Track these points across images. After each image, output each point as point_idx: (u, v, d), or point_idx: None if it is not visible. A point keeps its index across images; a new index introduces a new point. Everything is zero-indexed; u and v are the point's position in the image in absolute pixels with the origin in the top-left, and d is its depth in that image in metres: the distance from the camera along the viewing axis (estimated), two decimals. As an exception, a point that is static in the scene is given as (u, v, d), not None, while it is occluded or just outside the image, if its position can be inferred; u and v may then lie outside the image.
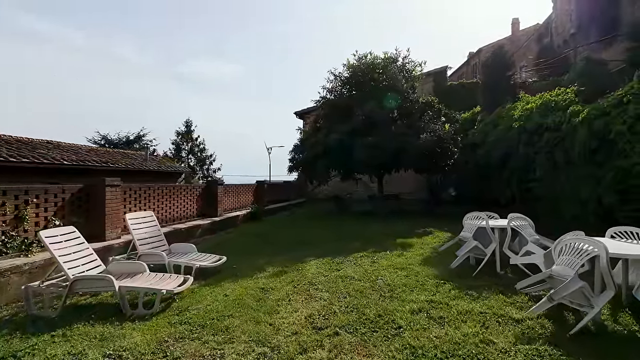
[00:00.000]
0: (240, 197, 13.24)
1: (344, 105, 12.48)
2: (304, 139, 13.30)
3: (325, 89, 13.33)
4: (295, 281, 5.15)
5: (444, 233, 9.12)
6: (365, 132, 11.65)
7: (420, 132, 11.09)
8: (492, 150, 10.74)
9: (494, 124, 11.06)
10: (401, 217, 12.47)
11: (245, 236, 9.39)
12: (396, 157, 11.14)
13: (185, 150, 37.91)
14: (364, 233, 9.27)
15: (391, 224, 10.77)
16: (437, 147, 11.08)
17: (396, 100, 12.09)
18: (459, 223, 11.58)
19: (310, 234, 9.34)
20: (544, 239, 5.38)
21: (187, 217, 9.80)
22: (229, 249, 7.79)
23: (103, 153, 17.66)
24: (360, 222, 11.42)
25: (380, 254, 6.69)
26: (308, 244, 8.04)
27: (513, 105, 10.79)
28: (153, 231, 6.24)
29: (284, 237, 9.02)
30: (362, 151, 11.22)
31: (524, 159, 9.13)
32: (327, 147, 11.92)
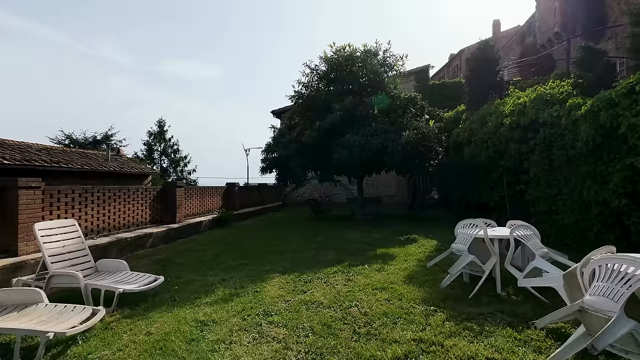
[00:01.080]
0: (207, 201, 11.97)
1: (321, 100, 11.44)
2: (277, 137, 12.17)
3: (301, 83, 12.25)
4: (247, 309, 4.01)
5: (429, 241, 8.16)
6: (344, 130, 10.63)
7: (402, 129, 10.15)
8: (480, 149, 9.89)
9: (481, 122, 10.22)
10: (382, 222, 11.49)
11: (206, 245, 8.17)
12: (377, 157, 10.16)
13: (157, 152, 36.16)
14: (341, 241, 8.21)
15: (371, 231, 9.76)
16: (420, 146, 10.16)
17: (381, 101, 11.13)
18: (444, 229, 10.77)
19: (280, 243, 8.20)
20: (554, 252, 4.44)
21: (137, 224, 8.49)
22: (180, 262, 6.58)
23: (57, 152, 15.99)
24: (337, 228, 10.36)
25: (357, 269, 5.62)
26: (275, 255, 6.91)
27: (502, 101, 9.99)
28: (74, 244, 4.96)
29: (249, 247, 7.85)
30: (340, 150, 10.19)
31: (516, 157, 8.29)
32: (302, 145, 10.83)
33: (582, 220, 6.57)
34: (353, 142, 10.02)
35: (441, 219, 12.48)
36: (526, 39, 22.25)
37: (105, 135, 30.49)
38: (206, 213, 11.84)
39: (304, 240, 8.58)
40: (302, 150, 10.83)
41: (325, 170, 11.66)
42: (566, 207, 6.96)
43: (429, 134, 10.06)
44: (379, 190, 21.35)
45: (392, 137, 9.87)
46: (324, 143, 10.79)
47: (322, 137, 10.64)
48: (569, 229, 6.91)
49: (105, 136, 30.48)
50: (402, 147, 9.62)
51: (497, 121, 9.11)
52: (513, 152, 8.32)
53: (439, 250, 7.00)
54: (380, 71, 11.24)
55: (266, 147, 12.25)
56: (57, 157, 14.50)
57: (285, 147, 11.31)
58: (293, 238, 8.91)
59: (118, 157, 20.46)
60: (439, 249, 7.22)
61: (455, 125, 13.40)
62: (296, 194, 22.66)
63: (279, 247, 7.68)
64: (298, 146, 10.79)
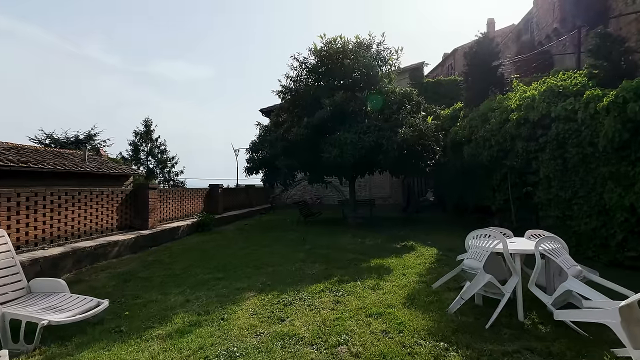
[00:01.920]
0: (186, 204, 11.04)
1: (310, 95, 10.59)
2: (263, 135, 11.27)
3: (289, 77, 11.37)
4: (206, 347, 3.13)
5: (428, 249, 7.34)
6: (335, 127, 9.80)
7: (398, 126, 9.34)
8: (482, 148, 9.14)
9: (482, 119, 9.47)
10: (376, 227, 10.67)
11: (179, 255, 7.26)
12: (371, 156, 9.34)
13: (144, 152, 34.96)
14: (330, 249, 7.36)
15: (364, 236, 8.93)
16: (417, 144, 9.36)
17: (374, 100, 10.33)
18: (442, 233, 10.00)
19: (263, 251, 7.32)
20: (589, 270, 3.64)
21: (102, 230, 7.55)
22: (145, 276, 5.67)
23: (28, 152, 14.91)
24: (328, 234, 9.51)
25: (348, 286, 4.77)
26: (255, 267, 6.03)
27: (506, 95, 9.25)
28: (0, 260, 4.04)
29: (227, 256, 6.96)
30: (330, 149, 9.35)
31: (524, 157, 7.53)
32: (289, 144, 9.97)
33: (603, 227, 5.81)
34: (344, 140, 9.19)
35: (438, 222, 11.72)
36: (522, 37, 21.67)
37: (88, 134, 29.26)
38: (185, 217, 10.91)
39: (289, 247, 7.72)
40: (289, 149, 9.96)
41: (315, 171, 10.81)
42: (582, 212, 6.20)
43: (426, 131, 9.27)
44: (372, 192, 20.57)
45: (387, 135, 9.06)
46: (313, 141, 9.94)
47: (311, 134, 9.79)
48: (586, 237, 6.14)
49: (88, 135, 29.23)
50: (397, 146, 8.82)
51: (501, 117, 8.35)
52: (520, 151, 7.56)
53: (440, 261, 6.20)
54: (374, 64, 10.43)
55: (251, 146, 11.34)
56: (27, 157, 13.44)
57: (271, 146, 10.43)
58: (278, 245, 8.04)
59: (97, 157, 19.38)
60: (439, 258, 6.41)
61: (453, 123, 12.67)
62: (286, 196, 21.77)
63: (260, 257, 6.80)
64: (285, 144, 9.93)
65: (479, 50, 12.11)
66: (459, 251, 7.38)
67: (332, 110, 9.54)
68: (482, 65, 12.02)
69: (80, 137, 29.28)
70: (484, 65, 12.04)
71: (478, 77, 12.13)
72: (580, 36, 12.00)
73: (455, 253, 6.96)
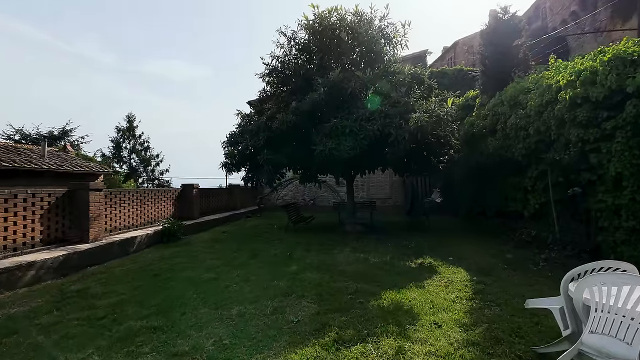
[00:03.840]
0: (149, 208, 9.09)
1: (300, 76, 8.71)
2: (244, 124, 9.33)
3: (275, 57, 9.45)
4: None
5: (454, 270, 5.52)
6: (330, 113, 7.93)
7: (408, 111, 7.49)
8: (513, 139, 7.34)
9: (512, 103, 7.68)
10: (379, 236, 8.82)
11: (118, 282, 5.33)
12: (375, 149, 7.49)
13: (126, 149, 32.75)
14: (324, 273, 5.48)
15: (367, 250, 7.07)
16: (431, 135, 7.50)
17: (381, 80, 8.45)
18: (463, 246, 7.54)
19: (231, 277, 5.41)
20: None
21: (16, 247, 5.59)
22: (47, 322, 3.76)
23: (-26, 146, 12.90)
24: (321, 247, 7.62)
25: (353, 354, 2.90)
26: (211, 308, 4.13)
27: (539, 76, 7.46)
28: None
29: (181, 286, 5.04)
30: (324, 140, 7.47)
31: (578, 148, 5.72)
32: (274, 134, 8.06)
33: None
34: (342, 128, 7.33)
35: (451, 229, 9.90)
36: (533, 24, 19.97)
37: (62, 130, 27.06)
38: (146, 225, 8.96)
39: (269, 269, 5.82)
40: (274, 140, 8.06)
41: (306, 168, 8.93)
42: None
43: (445, 117, 7.42)
44: (370, 192, 18.74)
45: (396, 122, 7.20)
46: (303, 131, 8.07)
47: (301, 122, 7.92)
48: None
49: (62, 131, 27.05)
50: (409, 135, 6.96)
51: (542, 100, 6.55)
52: (573, 140, 5.74)
53: (482, 295, 4.36)
54: (378, 37, 8.56)
55: (229, 138, 9.38)
56: (-35, 152, 11.42)
57: (252, 137, 8.51)
58: (255, 265, 6.15)
59: (63, 153, 17.29)
60: (478, 289, 4.57)
61: (465, 114, 10.88)
62: (276, 197, 19.85)
63: (227, 287, 4.91)
64: (268, 135, 8.02)
65: (499, 28, 10.33)
66: (496, 274, 5.45)
67: (327, 91, 7.66)
68: (502, 45, 10.23)
69: (55, 133, 27.11)
70: (504, 44, 10.26)
71: (497, 59, 10.34)
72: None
73: (492, 278, 5.16)
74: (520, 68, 9.84)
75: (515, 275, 5.34)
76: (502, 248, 7.40)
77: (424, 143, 7.57)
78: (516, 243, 7.52)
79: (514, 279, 5.13)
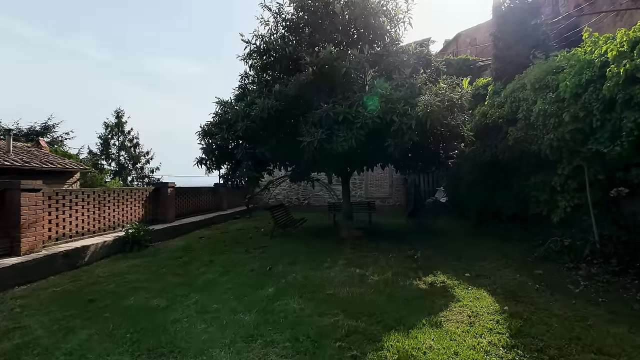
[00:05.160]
0: (111, 211, 7.81)
1: (286, 56, 7.43)
2: (221, 113, 8.02)
3: (258, 36, 8.15)
4: None
5: (475, 293, 4.28)
6: (321, 98, 6.66)
7: (414, 95, 6.23)
8: (540, 128, 6.10)
9: (537, 86, 6.43)
10: (379, 241, 7.57)
11: (38, 311, 4.08)
12: (374, 141, 6.24)
13: (115, 146, 31.38)
14: (308, 300, 4.24)
15: (364, 264, 5.83)
16: (441, 125, 6.23)
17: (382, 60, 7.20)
18: (480, 256, 6.12)
19: (186, 307, 4.15)
20: None
21: None
22: None
23: None
24: (309, 258, 6.36)
25: None
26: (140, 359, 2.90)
27: (570, 53, 6.22)
28: None
29: (116, 318, 3.79)
30: (312, 130, 6.21)
31: (633, 137, 4.48)
32: (255, 124, 6.78)
33: None
34: (335, 116, 6.07)
35: (460, 234, 8.68)
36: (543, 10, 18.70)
37: (44, 126, 25.72)
38: (110, 230, 7.70)
39: (239, 291, 4.57)
40: (255, 131, 6.78)
41: (295, 164, 7.67)
42: None
43: (460, 102, 6.17)
44: (369, 191, 17.51)
45: (399, 108, 5.94)
46: (292, 121, 6.81)
47: (286, 110, 6.65)
48: None
49: (44, 127, 25.70)
50: (416, 123, 5.69)
51: (580, 79, 5.30)
52: (628, 126, 4.50)
53: (514, 329, 3.14)
54: (377, 9, 7.28)
55: (203, 129, 8.06)
56: None
57: (229, 127, 7.24)
58: (224, 285, 4.89)
59: (36, 149, 15.96)
60: (512, 325, 3.33)
61: (475, 104, 9.65)
62: (268, 196, 18.58)
63: (172, 325, 3.64)
64: (247, 125, 6.73)
65: (516, 6, 9.10)
66: (529, 299, 4.11)
67: (317, 72, 6.39)
68: (520, 24, 9.01)
69: (36, 129, 25.76)
70: (521, 23, 9.03)
71: (514, 40, 9.11)
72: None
73: (527, 306, 3.92)
74: (540, 49, 8.60)
75: (554, 301, 4.11)
76: (526, 259, 6.18)
77: (432, 134, 6.31)
78: (542, 253, 6.29)
79: (555, 307, 3.90)
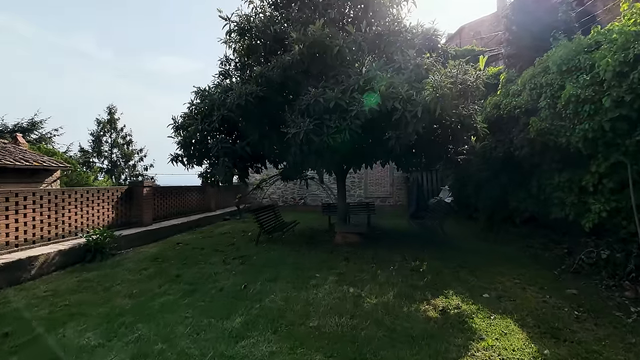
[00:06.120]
0: (72, 214, 6.82)
1: (270, 35, 6.41)
2: (199, 102, 6.97)
3: (243, 16, 7.13)
4: None
5: (501, 324, 3.29)
6: (309, 82, 5.65)
7: (419, 78, 5.23)
8: (567, 118, 5.11)
9: (564, 68, 5.43)
10: (378, 251, 6.57)
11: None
12: (372, 133, 5.24)
13: (107, 143, 30.41)
14: (281, 339, 3.26)
15: (360, 281, 4.84)
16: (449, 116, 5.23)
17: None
18: (495, 268, 4.87)
19: (127, 339, 3.19)
20: None
21: None
22: None
23: None
24: (294, 272, 5.36)
25: None
26: None
27: (607, 28, 5.22)
28: None
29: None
30: (298, 119, 5.21)
31: None
32: (232, 112, 5.77)
33: None
34: (325, 103, 5.07)
35: (471, 241, 7.70)
36: None
37: (31, 122, 24.73)
38: (70, 236, 6.72)
39: (196, 323, 3.59)
40: (232, 122, 5.78)
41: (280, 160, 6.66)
42: None
43: (475, 84, 5.17)
44: (368, 190, 16.51)
45: (403, 93, 4.93)
46: (274, 109, 5.81)
47: (270, 97, 5.64)
48: None
49: (31, 123, 24.71)
50: (423, 111, 4.68)
51: (626, 55, 4.30)
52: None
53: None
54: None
55: (175, 121, 7.00)
56: None
57: (204, 119, 6.23)
58: (179, 314, 3.91)
59: (11, 145, 14.97)
60: None
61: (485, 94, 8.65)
62: (262, 195, 17.60)
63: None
64: (224, 115, 5.72)
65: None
66: (571, 333, 3.08)
67: (305, 52, 5.37)
68: (538, 3, 8.01)
69: (24, 125, 24.79)
70: (538, 2, 8.03)
71: (530, 22, 8.11)
72: None
73: (571, 346, 2.86)
74: (561, 29, 7.60)
75: (605, 338, 3.13)
76: (552, 273, 5.20)
77: (440, 124, 5.31)
78: (572, 267, 5.30)
79: (607, 346, 2.92)
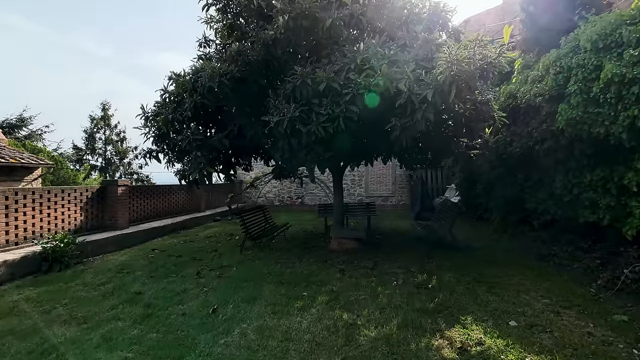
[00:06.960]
0: (28, 217, 5.96)
1: (255, 9, 5.50)
2: (173, 91, 6.07)
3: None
4: None
5: None
6: (297, 62, 4.76)
7: (428, 58, 4.34)
8: (605, 105, 4.23)
9: (599, 46, 4.54)
10: (378, 261, 5.69)
11: None
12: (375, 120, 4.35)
13: (101, 141, 29.59)
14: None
15: (355, 302, 3.97)
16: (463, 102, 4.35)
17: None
18: (518, 285, 3.65)
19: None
20: None
21: None
22: None
23: None
24: (277, 287, 4.50)
25: None
26: None
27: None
28: None
29: None
30: (283, 105, 4.34)
31: None
32: (205, 99, 4.89)
33: None
34: (314, 85, 4.18)
35: (484, 248, 6.81)
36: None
37: (20, 118, 23.93)
38: (24, 243, 5.86)
39: None
40: (207, 110, 4.90)
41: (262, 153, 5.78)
42: None
43: (498, 61, 4.27)
44: (369, 189, 15.63)
45: (409, 73, 4.03)
46: (258, 95, 4.92)
47: (249, 79, 4.76)
48: None
49: (20, 119, 23.91)
50: (434, 94, 3.79)
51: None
52: None
53: None
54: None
55: (144, 113, 6.03)
56: None
57: (177, 107, 5.35)
58: (121, 354, 3.06)
59: (-9, 141, 14.11)
60: None
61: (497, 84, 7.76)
62: (257, 194, 16.73)
63: None
64: (197, 102, 4.85)
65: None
66: None
67: (291, 25, 4.48)
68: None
69: (12, 121, 24.01)
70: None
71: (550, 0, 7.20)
72: None
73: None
74: (586, 8, 6.69)
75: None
76: (588, 291, 4.32)
77: (453, 111, 4.42)
78: (617, 284, 4.40)
79: None
